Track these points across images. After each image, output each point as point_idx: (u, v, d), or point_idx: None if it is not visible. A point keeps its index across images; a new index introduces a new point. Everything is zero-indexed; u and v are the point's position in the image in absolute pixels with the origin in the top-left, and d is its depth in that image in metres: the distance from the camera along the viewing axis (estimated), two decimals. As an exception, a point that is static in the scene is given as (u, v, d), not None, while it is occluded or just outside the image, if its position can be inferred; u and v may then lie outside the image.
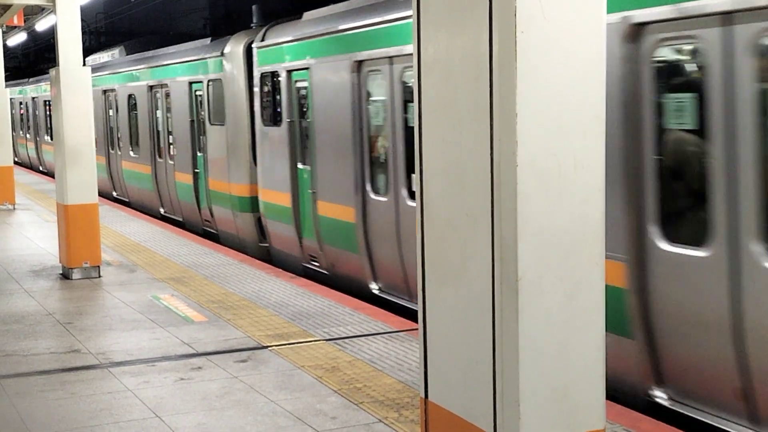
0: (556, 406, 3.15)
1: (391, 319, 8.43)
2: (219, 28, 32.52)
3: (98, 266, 10.87)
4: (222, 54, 13.60)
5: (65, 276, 10.87)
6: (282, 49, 11.48)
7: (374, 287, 9.77)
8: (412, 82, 4.70)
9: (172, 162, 16.38)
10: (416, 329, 7.40)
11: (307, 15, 11.42)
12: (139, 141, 18.41)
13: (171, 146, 16.52)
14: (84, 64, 10.92)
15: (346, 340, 7.72)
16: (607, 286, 4.13)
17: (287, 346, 7.60)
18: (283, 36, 11.58)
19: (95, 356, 7.45)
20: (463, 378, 3.38)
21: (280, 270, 11.13)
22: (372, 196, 9.62)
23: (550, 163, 3.07)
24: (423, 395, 3.68)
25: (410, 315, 8.67)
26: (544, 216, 3.08)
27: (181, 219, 16.32)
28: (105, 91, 20.44)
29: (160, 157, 17.20)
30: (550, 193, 3.08)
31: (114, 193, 20.67)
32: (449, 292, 3.46)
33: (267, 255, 12.61)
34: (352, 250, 10.00)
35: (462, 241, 3.34)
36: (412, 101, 9.07)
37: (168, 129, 16.73)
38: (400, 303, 9.22)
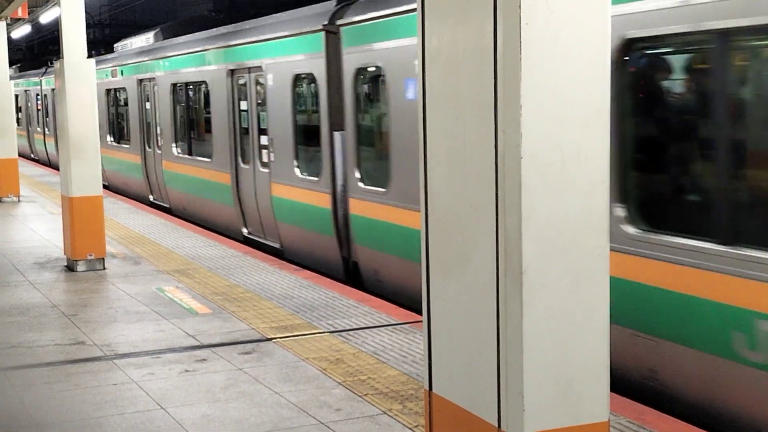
0: (560, 397, 3.16)
1: (395, 311, 8.45)
2: (222, 20, 32.49)
3: (103, 258, 10.89)
4: None
5: (70, 268, 10.89)
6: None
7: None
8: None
9: None
10: (420, 321, 7.40)
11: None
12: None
13: None
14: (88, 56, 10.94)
15: (350, 333, 7.73)
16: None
17: (291, 338, 7.62)
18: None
19: (100, 348, 7.47)
20: (467, 370, 3.38)
21: (285, 262, 11.15)
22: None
23: (554, 156, 3.06)
24: (427, 387, 3.68)
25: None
26: (548, 208, 3.08)
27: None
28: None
29: None
30: (554, 185, 3.08)
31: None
32: (453, 284, 3.46)
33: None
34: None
35: (466, 233, 3.34)
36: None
37: None
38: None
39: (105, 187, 19.92)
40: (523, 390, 3.10)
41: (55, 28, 32.13)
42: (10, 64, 20.71)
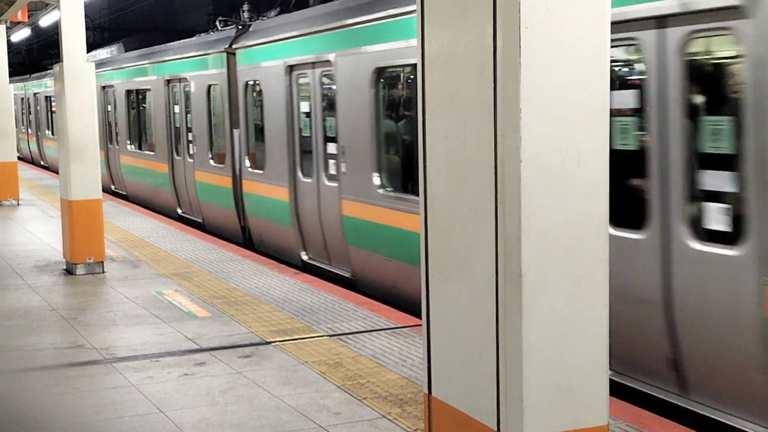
0: (559, 401, 3.15)
1: (394, 314, 8.43)
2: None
3: (102, 262, 10.88)
4: None
5: (69, 271, 10.88)
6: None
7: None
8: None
9: None
10: (420, 325, 7.39)
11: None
12: None
13: None
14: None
15: (350, 336, 7.72)
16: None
17: (291, 341, 7.61)
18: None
19: (99, 351, 7.46)
20: (467, 373, 3.38)
21: (284, 266, 11.14)
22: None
23: (554, 159, 3.06)
24: (426, 391, 3.67)
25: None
26: (548, 211, 3.07)
27: None
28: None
29: None
30: (554, 188, 3.07)
31: None
32: (453, 287, 3.45)
33: None
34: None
35: (465, 236, 3.34)
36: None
37: None
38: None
39: (123, 197, 19.84)
40: (522, 393, 3.09)
41: (54, 31, 32.11)
42: (10, 67, 20.67)
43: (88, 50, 12.04)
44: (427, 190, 3.58)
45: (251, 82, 12.94)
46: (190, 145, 15.45)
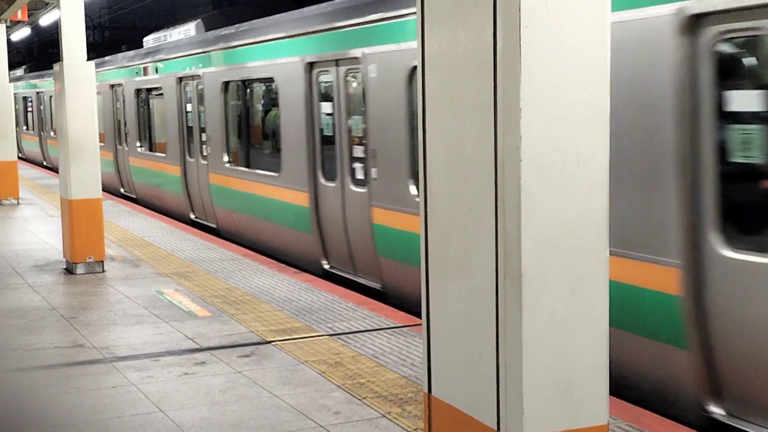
0: (559, 401, 3.15)
1: (394, 314, 8.44)
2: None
3: (102, 261, 10.89)
4: None
5: (69, 271, 10.89)
6: None
7: None
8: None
9: None
10: (420, 324, 7.40)
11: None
12: None
13: None
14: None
15: (350, 336, 7.72)
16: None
17: (291, 341, 7.61)
18: None
19: (99, 351, 7.46)
20: (467, 373, 3.38)
21: (284, 265, 11.14)
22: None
23: (554, 158, 3.06)
24: (426, 390, 3.67)
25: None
26: (548, 211, 3.07)
27: None
28: None
29: None
30: (554, 188, 3.07)
31: None
32: (452, 287, 3.45)
33: None
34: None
35: (465, 235, 3.34)
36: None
37: None
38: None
39: (213, 231, 14.47)
40: (522, 393, 3.09)
41: (54, 30, 32.03)
42: (10, 67, 20.65)
43: (89, 49, 12.00)
44: (426, 190, 3.58)
45: None
46: (357, 165, 10.10)
